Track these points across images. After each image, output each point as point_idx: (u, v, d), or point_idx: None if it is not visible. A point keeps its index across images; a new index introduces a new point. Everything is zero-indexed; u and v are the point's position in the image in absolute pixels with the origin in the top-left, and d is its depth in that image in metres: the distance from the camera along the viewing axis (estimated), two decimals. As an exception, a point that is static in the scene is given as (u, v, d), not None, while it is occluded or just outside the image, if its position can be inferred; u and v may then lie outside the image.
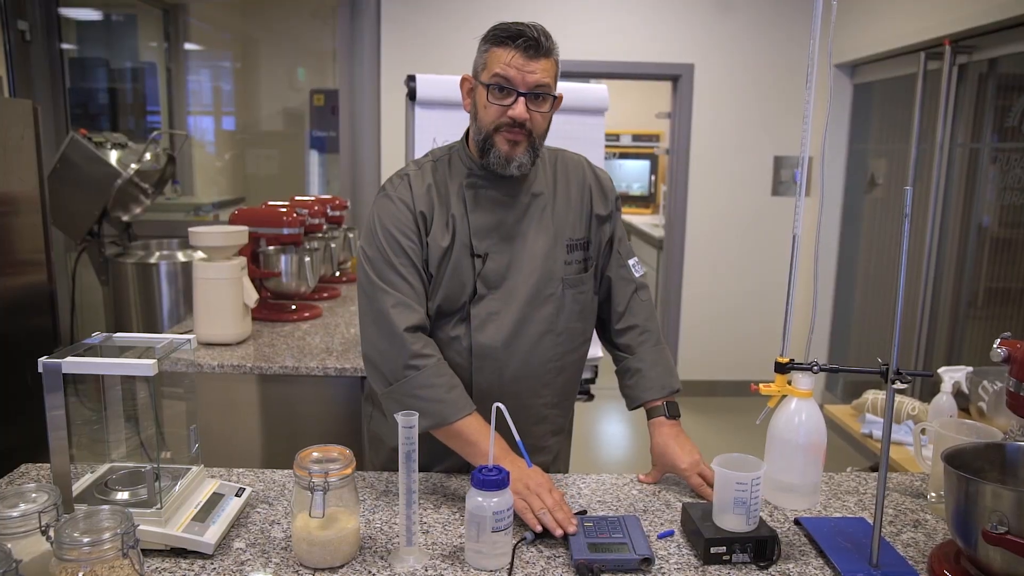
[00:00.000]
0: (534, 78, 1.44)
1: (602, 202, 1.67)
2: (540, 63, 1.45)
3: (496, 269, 1.55)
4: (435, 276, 1.54)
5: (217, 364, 2.35)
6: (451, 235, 1.54)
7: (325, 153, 5.54)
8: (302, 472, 1.19)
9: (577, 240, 1.62)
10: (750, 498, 1.25)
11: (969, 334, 3.92)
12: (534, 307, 1.56)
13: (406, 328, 1.47)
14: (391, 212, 1.54)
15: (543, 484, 1.37)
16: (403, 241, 1.52)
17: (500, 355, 1.55)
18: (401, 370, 1.47)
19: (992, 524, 1.10)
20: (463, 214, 1.55)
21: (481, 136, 1.51)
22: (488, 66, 1.47)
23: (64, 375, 1.18)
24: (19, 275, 2.56)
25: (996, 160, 3.70)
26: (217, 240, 2.47)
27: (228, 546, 1.28)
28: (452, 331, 1.56)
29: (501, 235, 1.56)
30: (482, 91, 1.48)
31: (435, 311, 1.55)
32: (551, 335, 1.59)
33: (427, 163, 1.61)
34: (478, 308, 1.55)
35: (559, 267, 1.58)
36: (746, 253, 5.33)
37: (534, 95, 1.46)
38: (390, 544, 1.30)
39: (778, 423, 1.38)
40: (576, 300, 1.62)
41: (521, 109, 1.45)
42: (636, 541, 1.27)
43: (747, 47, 5.10)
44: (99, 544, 0.98)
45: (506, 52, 1.44)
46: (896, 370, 1.18)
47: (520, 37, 1.43)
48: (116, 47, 5.82)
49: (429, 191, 1.55)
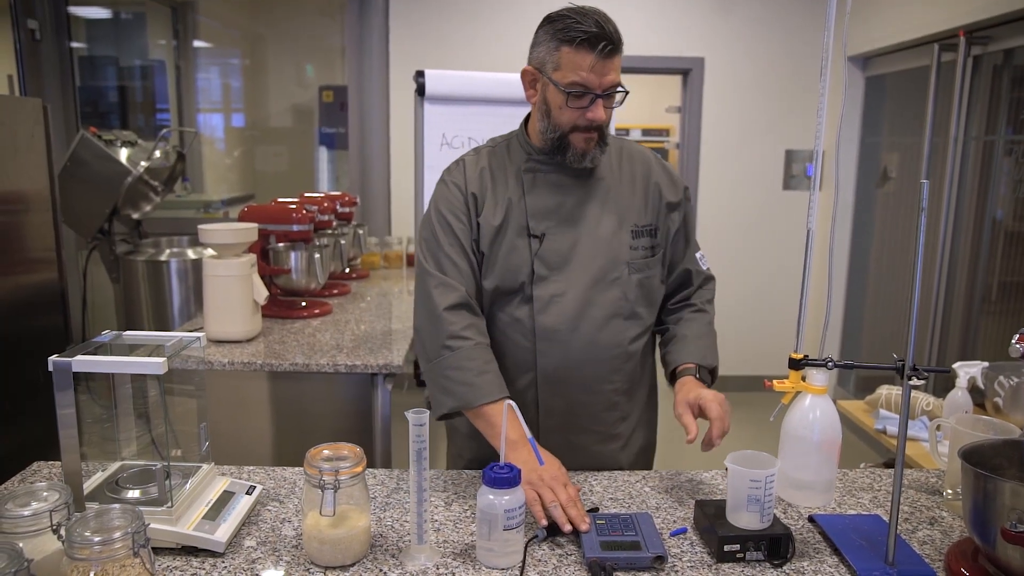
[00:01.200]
0: (609, 79, 1.45)
1: (671, 189, 1.66)
2: (615, 61, 1.44)
3: (558, 250, 1.55)
4: (488, 255, 1.57)
5: (228, 361, 2.35)
6: (504, 215, 1.55)
7: (334, 149, 5.54)
8: (312, 470, 1.19)
9: (643, 227, 1.61)
10: (764, 496, 1.23)
11: (983, 329, 3.88)
12: (599, 290, 1.56)
13: (445, 308, 1.50)
14: (445, 195, 1.59)
15: (558, 478, 1.35)
16: (453, 223, 1.56)
17: (564, 337, 1.55)
18: (438, 349, 1.50)
19: (1011, 522, 1.08)
20: (520, 196, 1.56)
21: (556, 134, 1.52)
22: (562, 67, 1.45)
23: (76, 373, 1.18)
24: (30, 273, 2.56)
25: (1011, 153, 3.66)
26: (227, 237, 2.47)
27: (239, 544, 1.27)
28: (515, 312, 1.57)
29: (561, 217, 1.56)
30: (555, 93, 1.47)
31: (493, 291, 1.57)
32: (617, 319, 1.58)
33: (485, 149, 1.65)
34: (540, 289, 1.55)
35: (624, 251, 1.58)
36: (757, 248, 5.30)
37: (608, 94, 1.47)
38: (401, 542, 1.29)
39: (792, 420, 1.36)
40: (642, 285, 1.60)
41: (600, 112, 1.47)
42: (649, 539, 1.26)
43: (757, 40, 5.07)
44: (110, 543, 0.98)
45: (584, 57, 1.42)
46: (912, 366, 1.16)
47: (599, 42, 1.41)
48: (125, 45, 5.83)
49: (482, 174, 1.59)
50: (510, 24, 4.90)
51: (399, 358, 2.41)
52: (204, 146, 6.07)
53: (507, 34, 4.90)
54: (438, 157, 2.59)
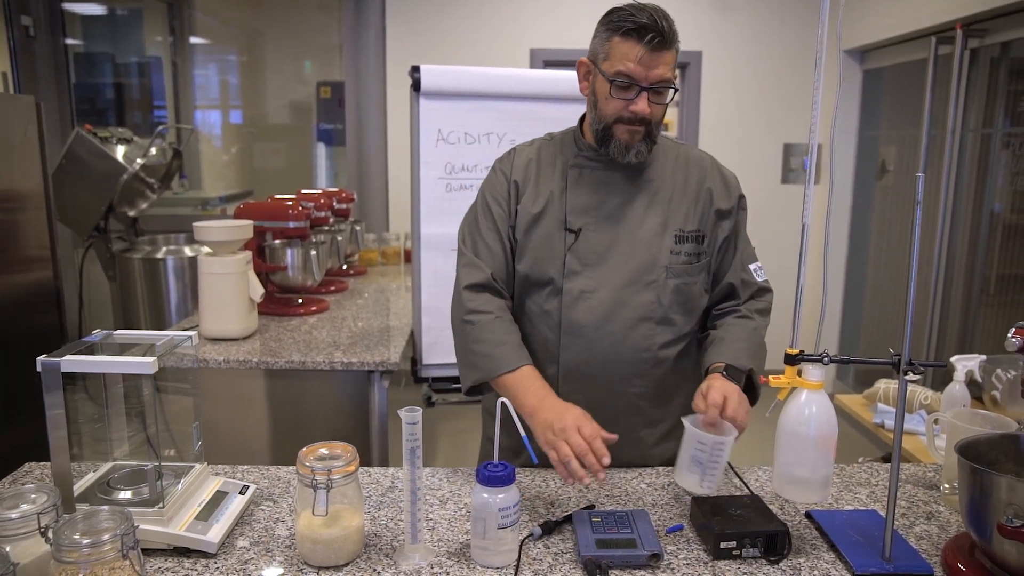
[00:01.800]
0: (657, 73, 1.42)
1: (724, 197, 1.62)
2: (664, 56, 1.42)
3: (593, 247, 1.55)
4: (522, 242, 1.58)
5: (223, 359, 2.34)
6: (544, 205, 1.56)
7: (332, 146, 5.53)
8: (305, 470, 1.18)
9: (689, 232, 1.58)
10: (708, 460, 1.25)
11: (982, 322, 3.87)
12: (633, 291, 1.54)
13: (467, 286, 1.55)
14: (491, 181, 1.63)
15: (569, 425, 1.32)
16: (494, 207, 1.59)
17: (590, 335, 1.54)
18: (460, 324, 1.55)
19: (1008, 517, 1.07)
20: (562, 190, 1.57)
21: (600, 125, 1.51)
22: (610, 57, 1.44)
23: (70, 373, 1.17)
24: (25, 272, 2.55)
25: (1009, 145, 3.65)
26: (222, 235, 2.46)
27: (232, 545, 1.26)
28: (545, 304, 1.57)
29: (602, 214, 1.56)
30: (603, 82, 1.46)
31: (524, 279, 1.58)
32: (648, 323, 1.55)
33: (539, 140, 1.67)
34: (571, 284, 1.54)
35: (665, 254, 1.55)
36: (756, 242, 5.23)
37: (656, 90, 1.45)
38: (395, 541, 1.28)
39: (788, 416, 1.35)
40: (680, 291, 1.57)
41: (643, 105, 1.45)
42: (645, 536, 1.25)
43: (755, 34, 5.05)
44: (99, 545, 0.97)
45: (631, 47, 1.40)
46: (909, 361, 1.15)
47: (648, 32, 1.39)
48: (122, 42, 5.82)
49: (529, 164, 1.61)
50: (508, 19, 4.88)
51: (395, 355, 2.40)
52: (202, 143, 6.05)
53: (505, 29, 4.88)
54: (434, 153, 2.57)
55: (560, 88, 2.57)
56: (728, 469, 1.58)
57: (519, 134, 2.59)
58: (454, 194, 2.60)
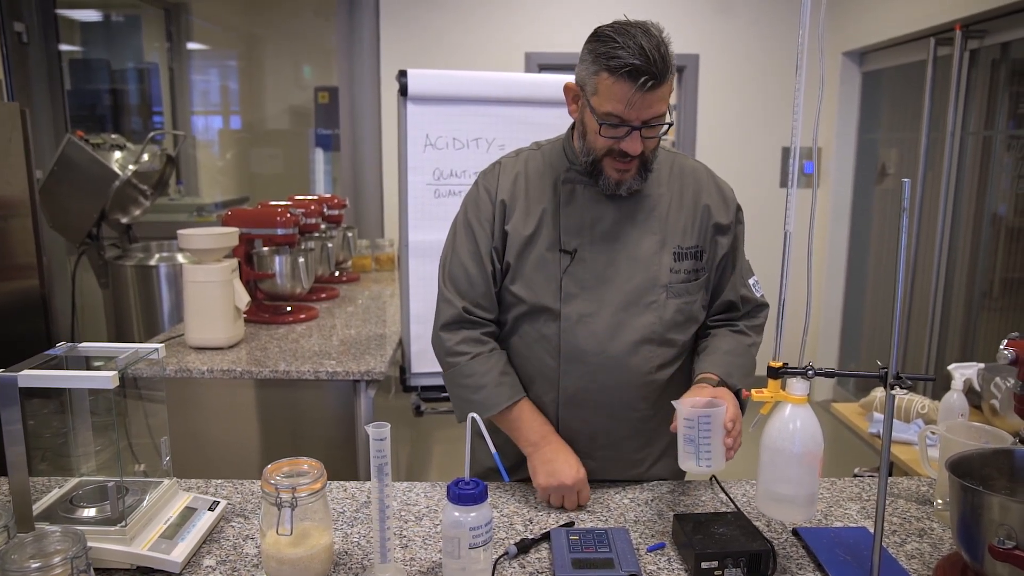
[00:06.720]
0: (650, 112, 1.34)
1: (723, 211, 1.54)
2: (658, 93, 1.32)
3: (591, 269, 1.48)
4: (515, 265, 1.50)
5: (207, 369, 2.30)
6: (536, 225, 1.49)
7: (330, 151, 5.50)
8: (269, 487, 1.14)
9: (688, 248, 1.51)
10: (698, 437, 1.24)
11: (984, 327, 3.81)
12: (633, 313, 1.47)
13: (441, 326, 1.54)
14: (474, 199, 1.56)
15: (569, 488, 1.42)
16: (476, 227, 1.53)
17: (591, 360, 1.47)
18: (443, 363, 1.56)
19: (999, 539, 1.03)
20: (555, 208, 1.49)
21: (590, 158, 1.44)
22: (600, 94, 1.34)
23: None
24: (11, 280, 2.53)
25: (1010, 147, 3.60)
26: (205, 243, 2.42)
27: (198, 563, 1.22)
28: (543, 328, 1.50)
29: (597, 234, 1.48)
30: (592, 118, 1.38)
31: (519, 301, 1.51)
32: (649, 345, 1.49)
33: (526, 151, 1.59)
34: (570, 308, 1.47)
35: (664, 273, 1.48)
36: (754, 246, 5.18)
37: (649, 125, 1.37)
38: (366, 560, 1.24)
39: (771, 431, 1.30)
40: (680, 311, 1.50)
41: (635, 144, 1.37)
42: (623, 556, 1.21)
43: (752, 37, 5.01)
44: (48, 569, 0.94)
45: (623, 89, 1.31)
46: (896, 374, 1.10)
47: (641, 76, 1.29)
48: (119, 48, 5.80)
49: (516, 180, 1.53)
50: (503, 23, 4.85)
51: (382, 364, 2.36)
52: (199, 149, 6.02)
53: (500, 33, 4.85)
54: (421, 159, 2.53)
55: (549, 92, 2.53)
56: (713, 483, 1.54)
57: (508, 139, 2.56)
58: (442, 200, 2.57)
